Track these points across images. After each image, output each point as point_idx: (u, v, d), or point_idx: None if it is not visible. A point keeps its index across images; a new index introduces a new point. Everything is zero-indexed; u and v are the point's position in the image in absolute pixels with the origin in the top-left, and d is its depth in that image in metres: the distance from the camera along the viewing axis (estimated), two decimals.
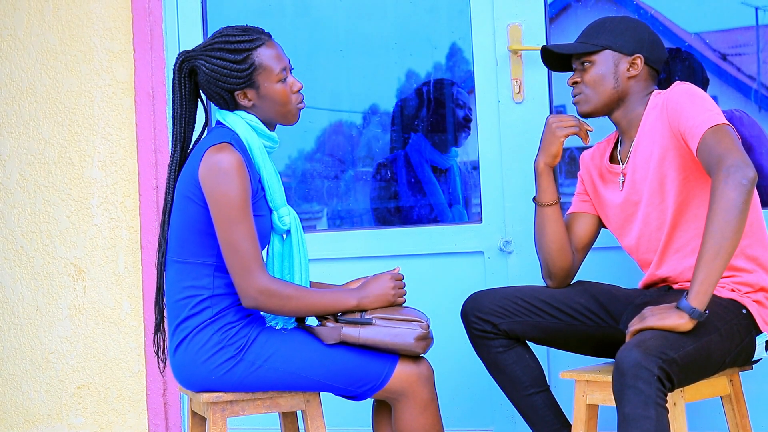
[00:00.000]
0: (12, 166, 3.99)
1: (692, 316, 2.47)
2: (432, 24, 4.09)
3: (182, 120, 2.79)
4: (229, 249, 2.64)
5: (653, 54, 2.86)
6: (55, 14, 3.94)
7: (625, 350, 2.42)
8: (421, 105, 4.19)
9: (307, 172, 4.28)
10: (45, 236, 3.96)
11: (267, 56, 2.73)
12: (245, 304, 2.68)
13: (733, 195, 2.44)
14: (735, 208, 2.43)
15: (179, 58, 2.77)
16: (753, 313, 2.68)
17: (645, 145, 2.78)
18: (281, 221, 2.78)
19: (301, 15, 4.14)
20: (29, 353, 3.98)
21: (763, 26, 3.69)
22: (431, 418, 2.75)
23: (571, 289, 2.97)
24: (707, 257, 2.44)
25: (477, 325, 2.94)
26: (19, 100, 3.99)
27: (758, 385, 3.21)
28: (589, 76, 2.85)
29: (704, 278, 2.45)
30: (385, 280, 2.77)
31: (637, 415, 2.38)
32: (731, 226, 2.43)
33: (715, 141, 2.54)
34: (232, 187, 2.62)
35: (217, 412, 2.71)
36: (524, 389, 2.96)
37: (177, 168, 2.79)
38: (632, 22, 2.88)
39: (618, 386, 2.41)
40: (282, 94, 2.76)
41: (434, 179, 4.15)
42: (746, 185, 2.44)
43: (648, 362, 2.39)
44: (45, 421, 3.96)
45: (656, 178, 2.76)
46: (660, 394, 2.39)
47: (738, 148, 2.51)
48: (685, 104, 2.66)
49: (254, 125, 2.76)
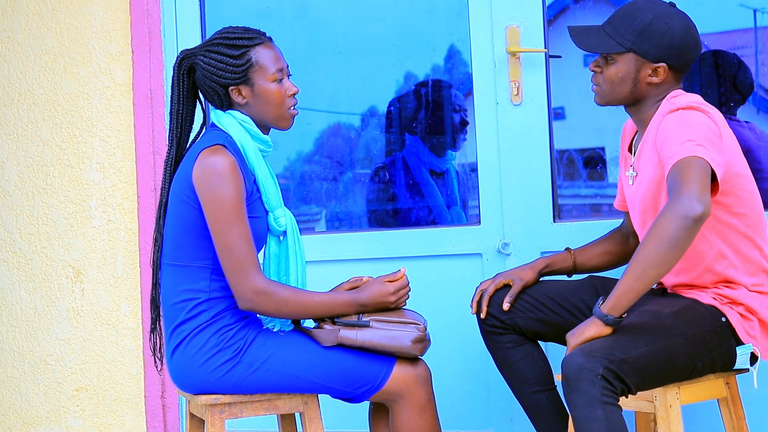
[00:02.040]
0: (10, 169, 3.99)
1: (606, 322, 2.49)
2: (430, 26, 4.09)
3: (179, 116, 2.80)
4: (225, 251, 2.64)
5: (680, 60, 2.75)
6: (54, 16, 3.94)
7: (570, 356, 2.46)
8: (419, 107, 4.19)
9: (306, 174, 4.28)
10: (43, 238, 3.96)
11: (264, 55, 2.75)
12: (241, 306, 2.68)
13: (671, 227, 2.39)
14: (667, 239, 2.39)
15: (179, 55, 2.79)
16: (733, 323, 2.67)
17: (647, 153, 2.75)
18: (277, 223, 2.78)
19: (299, 17, 4.14)
20: (27, 355, 3.98)
21: (761, 28, 3.69)
22: (429, 419, 2.75)
23: (578, 285, 2.97)
24: (629, 276, 2.45)
25: (488, 319, 2.95)
26: (18, 103, 3.99)
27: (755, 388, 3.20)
28: (609, 72, 2.78)
29: (622, 293, 2.47)
30: (384, 284, 2.76)
31: (584, 416, 2.40)
32: (660, 257, 2.41)
33: (680, 171, 2.47)
34: (225, 189, 2.63)
35: (215, 414, 2.71)
36: (530, 386, 2.97)
37: (173, 164, 2.80)
38: (665, 22, 2.73)
39: (566, 392, 2.45)
40: (276, 94, 2.76)
41: (432, 181, 4.15)
42: (686, 220, 2.38)
43: (590, 364, 2.41)
44: (43, 423, 3.96)
45: (647, 194, 2.75)
46: (607, 393, 2.40)
47: (698, 181, 2.43)
48: (671, 133, 2.59)
49: (248, 128, 2.76)
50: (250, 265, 2.64)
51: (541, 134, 3.50)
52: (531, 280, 2.97)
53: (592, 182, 4.31)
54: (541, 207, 3.50)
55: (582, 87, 3.01)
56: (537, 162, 3.50)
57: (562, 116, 4.10)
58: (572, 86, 3.94)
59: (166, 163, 2.81)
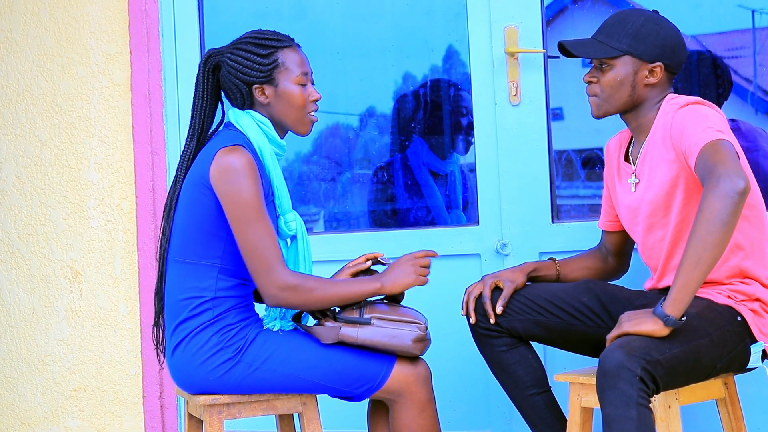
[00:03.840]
0: (8, 169, 3.99)
1: (666, 323, 2.47)
2: (429, 26, 4.09)
3: (201, 112, 2.82)
4: (248, 249, 2.64)
5: (674, 59, 2.80)
6: (52, 17, 3.94)
7: (609, 351, 2.43)
8: (418, 107, 4.19)
9: (304, 174, 4.28)
10: (41, 239, 3.95)
11: (291, 57, 2.78)
12: (269, 303, 2.69)
13: (719, 206, 2.41)
14: (718, 219, 2.40)
15: (206, 53, 2.83)
16: (748, 321, 2.68)
17: (654, 155, 2.76)
18: (287, 226, 2.79)
19: (298, 18, 4.14)
20: (26, 356, 3.98)
21: (759, 29, 3.69)
22: (429, 418, 2.75)
23: (575, 288, 2.96)
24: (686, 266, 2.44)
25: (481, 323, 2.94)
26: (16, 103, 3.99)
27: (754, 389, 3.20)
28: (606, 79, 2.80)
29: (681, 286, 2.45)
30: (407, 263, 2.77)
31: (618, 415, 2.39)
32: (713, 237, 2.41)
33: (710, 154, 2.51)
34: (246, 187, 2.63)
35: (214, 415, 2.71)
36: (526, 389, 2.96)
37: (191, 158, 2.81)
38: (655, 23, 2.80)
39: (600, 387, 2.43)
40: (299, 97, 2.78)
41: (432, 182, 4.15)
42: (733, 196, 2.41)
43: (631, 363, 2.40)
44: (41, 423, 3.96)
45: (661, 194, 2.75)
46: (642, 395, 2.39)
47: (731, 160, 2.47)
48: (688, 125, 2.63)
49: (265, 129, 2.77)
50: (275, 261, 2.64)
51: (540, 135, 3.50)
52: (521, 283, 2.96)
53: (590, 183, 4.30)
54: (540, 207, 3.50)
55: (580, 88, 3.00)
56: (535, 162, 3.50)
57: (561, 117, 4.10)
58: (571, 87, 3.94)
59: (182, 156, 2.81)
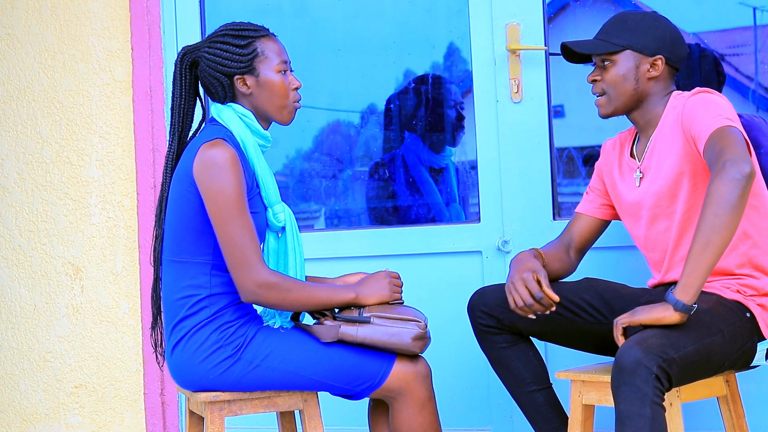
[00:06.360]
0: (10, 166, 3.99)
1: (676, 307, 2.47)
2: (430, 24, 4.09)
3: (181, 111, 2.82)
4: (227, 244, 2.64)
5: (674, 53, 2.84)
6: (53, 13, 3.94)
7: (626, 347, 2.43)
8: (419, 104, 4.18)
9: (305, 171, 4.28)
10: (43, 235, 3.95)
11: (269, 46, 2.78)
12: (244, 299, 2.68)
13: (725, 189, 2.43)
14: (726, 202, 2.42)
15: (181, 50, 2.81)
16: (756, 317, 2.68)
17: (661, 147, 2.79)
18: (276, 218, 2.78)
19: (299, 15, 4.14)
20: (27, 352, 3.98)
21: (761, 26, 3.69)
22: (429, 416, 2.75)
23: (576, 285, 2.97)
24: (695, 250, 2.44)
25: (482, 319, 2.94)
26: (17, 100, 3.98)
27: (755, 386, 3.21)
28: (609, 76, 2.84)
29: (691, 271, 2.45)
30: (382, 277, 2.80)
31: (633, 413, 2.39)
32: (721, 220, 2.43)
33: (719, 139, 2.55)
34: (227, 181, 2.63)
35: (215, 412, 2.71)
36: (526, 386, 2.96)
37: (174, 158, 2.81)
38: (653, 19, 2.86)
39: (616, 383, 2.42)
40: (280, 85, 2.77)
41: (430, 179, 4.15)
42: (740, 180, 2.43)
43: (648, 360, 2.40)
44: (42, 420, 3.96)
45: (668, 182, 2.77)
46: (657, 393, 2.39)
47: (739, 145, 2.51)
48: (699, 111, 2.67)
49: (248, 122, 2.77)
50: (253, 257, 2.64)
51: (541, 132, 3.50)
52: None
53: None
54: (541, 205, 3.50)
55: (582, 85, 3.01)
56: (537, 160, 3.50)
57: (562, 114, 4.10)
58: (572, 84, 3.93)
59: (167, 157, 2.82)
